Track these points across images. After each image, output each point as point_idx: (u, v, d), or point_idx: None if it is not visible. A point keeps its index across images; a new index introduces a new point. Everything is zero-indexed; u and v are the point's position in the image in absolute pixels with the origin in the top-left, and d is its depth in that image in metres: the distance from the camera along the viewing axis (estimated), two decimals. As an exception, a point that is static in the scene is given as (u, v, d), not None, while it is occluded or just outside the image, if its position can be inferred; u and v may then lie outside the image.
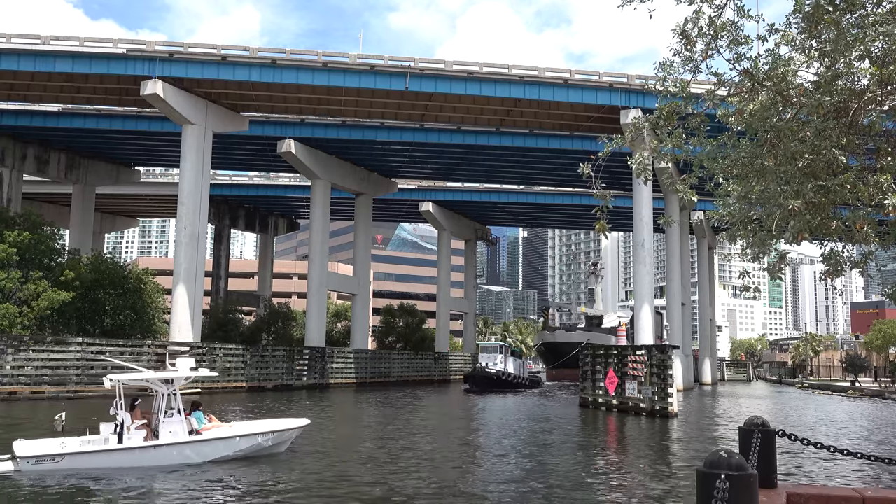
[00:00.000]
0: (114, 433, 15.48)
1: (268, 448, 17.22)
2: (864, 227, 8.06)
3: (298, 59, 46.36)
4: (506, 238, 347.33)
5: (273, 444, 17.37)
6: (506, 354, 58.61)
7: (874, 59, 7.64)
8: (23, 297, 39.15)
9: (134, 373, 17.07)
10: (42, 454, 14.68)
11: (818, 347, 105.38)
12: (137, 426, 15.85)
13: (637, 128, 9.56)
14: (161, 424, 15.87)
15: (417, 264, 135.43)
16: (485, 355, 58.52)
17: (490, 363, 56.41)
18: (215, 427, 17.06)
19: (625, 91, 47.98)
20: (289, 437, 17.95)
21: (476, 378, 54.44)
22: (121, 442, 15.39)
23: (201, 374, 17.59)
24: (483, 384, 53.55)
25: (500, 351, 58.51)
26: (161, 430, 15.85)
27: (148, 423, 16.17)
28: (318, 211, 58.93)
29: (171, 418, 15.97)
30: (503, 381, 55.03)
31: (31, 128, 56.03)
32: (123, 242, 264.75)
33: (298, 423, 18.39)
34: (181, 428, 16.04)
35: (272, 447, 17.35)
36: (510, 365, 58.22)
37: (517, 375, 58.24)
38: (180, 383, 16.28)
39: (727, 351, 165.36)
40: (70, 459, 14.81)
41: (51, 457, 14.68)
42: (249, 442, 16.86)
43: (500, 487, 14.67)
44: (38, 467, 14.44)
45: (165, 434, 15.82)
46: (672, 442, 24.44)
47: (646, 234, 49.26)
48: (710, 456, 5.16)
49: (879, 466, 16.79)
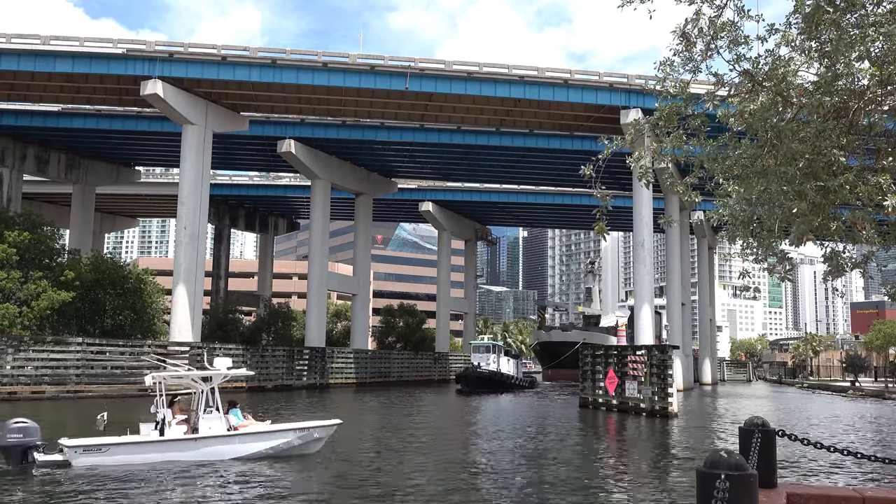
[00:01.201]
0: (154, 430, 15.95)
1: (302, 446, 17.63)
2: (866, 228, 8.06)
3: (298, 59, 46.38)
4: (506, 238, 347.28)
5: (307, 442, 17.79)
6: (498, 354, 57.47)
7: (874, 59, 7.64)
8: (23, 297, 39.14)
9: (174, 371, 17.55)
10: (90, 444, 15.24)
11: (818, 347, 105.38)
12: (178, 421, 16.30)
13: (637, 129, 9.56)
14: (200, 421, 16.32)
15: (417, 264, 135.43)
16: (477, 355, 57.20)
17: (482, 363, 55.24)
18: (252, 425, 17.47)
19: (625, 91, 47.99)
20: (323, 436, 18.38)
21: (468, 378, 53.37)
22: (162, 436, 15.85)
23: (238, 373, 18.20)
24: (475, 384, 52.42)
25: (492, 350, 57.29)
26: (200, 427, 16.29)
27: (187, 419, 16.58)
28: (318, 211, 58.93)
29: (210, 415, 16.45)
30: (496, 381, 53.80)
31: (31, 128, 56.04)
32: (123, 242, 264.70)
33: (332, 423, 18.86)
34: (220, 425, 16.51)
35: (306, 445, 17.76)
36: (503, 364, 57.15)
37: (510, 375, 57.06)
38: (218, 381, 16.76)
39: (727, 351, 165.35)
40: (116, 450, 15.35)
41: (98, 447, 15.22)
42: (285, 440, 17.29)
43: (499, 487, 14.67)
44: (86, 458, 14.98)
45: (205, 430, 16.28)
46: (672, 442, 24.44)
47: (646, 234, 49.28)
48: (710, 456, 5.16)
49: (879, 466, 16.79)
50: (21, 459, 14.62)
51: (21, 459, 14.62)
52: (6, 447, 14.58)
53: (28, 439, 14.71)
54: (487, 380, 53.01)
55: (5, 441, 14.55)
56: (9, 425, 14.70)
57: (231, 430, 16.73)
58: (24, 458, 14.64)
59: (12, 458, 14.61)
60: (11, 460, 14.62)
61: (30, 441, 14.73)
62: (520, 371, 61.69)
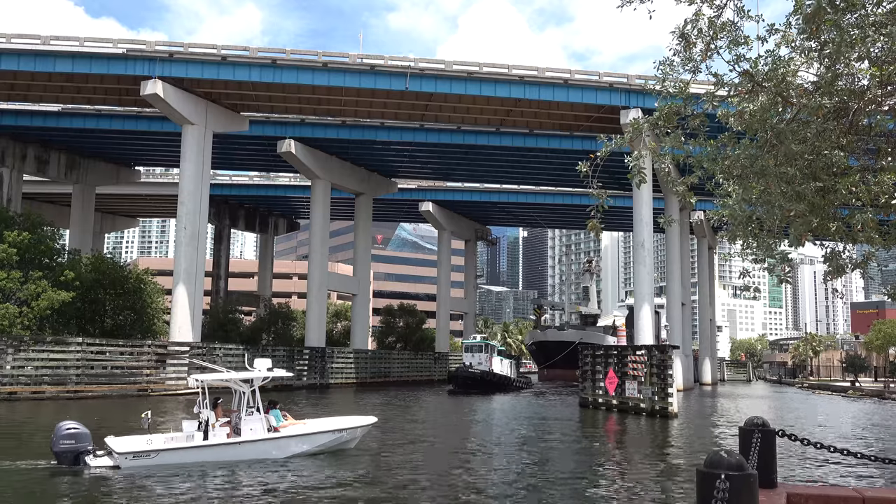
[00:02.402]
0: (198, 430, 16.39)
1: (340, 444, 18.21)
2: (865, 228, 8.06)
3: (298, 59, 46.38)
4: (506, 238, 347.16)
5: (344, 440, 18.34)
6: (491, 353, 55.71)
7: (874, 59, 7.64)
8: (23, 297, 39.13)
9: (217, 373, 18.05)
10: (139, 450, 15.70)
11: (818, 347, 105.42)
12: (221, 423, 16.77)
13: (636, 128, 9.56)
14: (242, 422, 16.74)
15: (417, 264, 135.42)
16: (469, 354, 55.24)
17: (474, 363, 53.52)
18: (291, 424, 17.97)
19: (625, 91, 47.99)
20: (358, 434, 18.89)
21: (459, 378, 52.04)
22: (206, 439, 16.32)
23: (278, 374, 18.57)
24: (466, 385, 51.10)
25: (484, 350, 55.40)
26: (242, 428, 16.72)
27: (230, 420, 17.04)
28: (318, 211, 58.93)
29: (251, 416, 16.90)
30: (488, 381, 52.22)
31: (31, 128, 56.04)
32: (123, 242, 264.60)
33: (367, 421, 19.34)
34: (261, 425, 16.95)
35: (343, 443, 18.33)
36: (496, 365, 55.55)
37: (503, 376, 55.49)
38: (259, 383, 17.14)
39: (727, 351, 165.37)
40: (163, 455, 15.80)
41: (146, 453, 15.70)
42: (324, 438, 17.88)
43: (498, 487, 14.67)
44: (135, 462, 15.43)
45: (246, 431, 16.72)
46: (672, 442, 24.44)
47: (646, 234, 49.27)
48: (710, 456, 5.16)
49: (879, 466, 16.79)
50: (73, 463, 15.15)
51: (73, 463, 15.15)
52: (59, 452, 15.13)
53: (80, 444, 15.27)
54: (479, 380, 51.59)
55: (58, 446, 15.10)
56: (61, 430, 15.23)
57: (271, 430, 17.18)
58: (75, 462, 15.16)
59: (65, 462, 15.14)
60: (64, 464, 15.14)
61: (81, 446, 15.28)
62: (513, 371, 59.98)
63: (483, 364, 53.72)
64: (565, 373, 72.47)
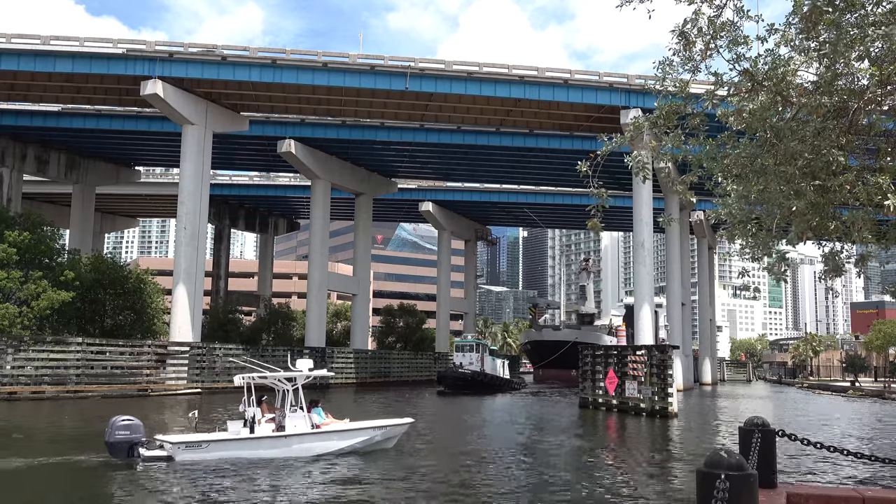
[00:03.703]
0: (244, 427, 16.87)
1: (379, 443, 18.60)
2: (861, 229, 8.05)
3: (298, 59, 46.38)
4: (506, 238, 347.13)
5: (383, 439, 18.75)
6: (482, 353, 54.18)
7: (874, 59, 7.64)
8: (23, 297, 39.13)
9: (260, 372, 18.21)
10: (191, 441, 16.28)
11: (818, 347, 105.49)
12: (267, 419, 17.34)
13: (637, 127, 9.56)
14: (286, 419, 17.22)
15: (417, 264, 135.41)
16: (459, 354, 54.12)
17: (465, 363, 52.46)
18: (332, 422, 18.43)
19: (625, 91, 47.99)
20: (397, 433, 19.32)
21: (448, 379, 50.73)
22: (252, 433, 16.80)
23: (319, 373, 19.14)
24: (457, 386, 49.83)
25: (475, 350, 54.10)
26: (286, 424, 17.24)
27: (274, 417, 17.52)
28: (318, 211, 58.94)
29: (295, 413, 17.41)
30: (478, 382, 50.96)
31: (31, 128, 56.04)
32: (123, 242, 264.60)
33: (405, 421, 19.81)
34: (304, 423, 17.48)
35: (383, 442, 18.72)
36: (487, 365, 54.09)
37: (495, 376, 54.26)
38: (301, 381, 17.67)
39: (727, 351, 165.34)
40: (213, 447, 16.34)
41: (198, 444, 16.27)
42: (365, 437, 18.28)
43: (498, 487, 14.67)
44: (188, 454, 16.06)
45: (290, 428, 17.24)
46: (672, 442, 24.44)
47: (646, 234, 49.24)
48: (710, 456, 5.16)
49: (879, 466, 16.78)
50: (127, 454, 15.74)
51: (127, 454, 15.74)
52: (114, 443, 15.68)
53: (134, 436, 15.83)
54: (470, 381, 50.42)
55: (113, 437, 15.65)
56: (116, 423, 15.77)
57: (314, 427, 17.62)
58: (129, 454, 15.75)
59: (119, 454, 15.73)
60: (118, 455, 15.72)
61: (135, 438, 15.83)
62: (506, 371, 58.66)
63: (474, 364, 52.66)
64: (561, 373, 72.13)
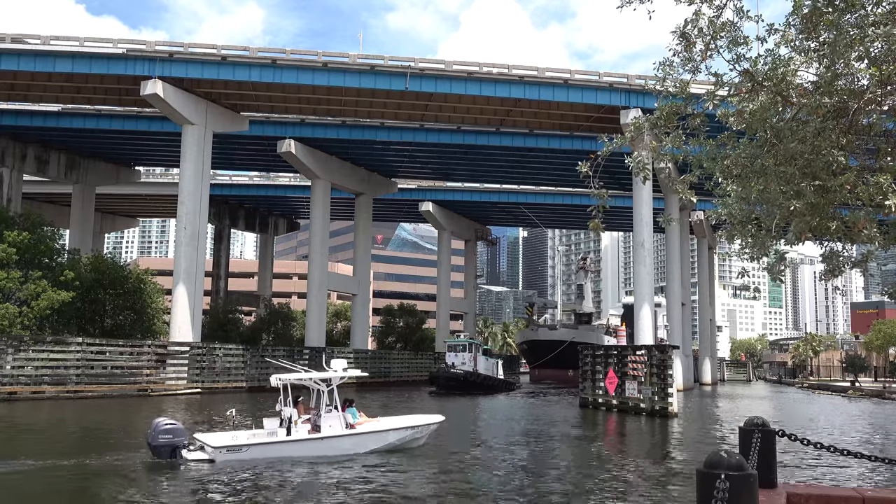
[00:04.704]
0: (280, 427, 17.31)
1: (411, 441, 19.10)
2: (866, 228, 8.05)
3: (298, 59, 46.38)
4: (506, 238, 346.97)
5: (415, 438, 19.25)
6: (475, 353, 53.36)
7: (873, 59, 7.64)
8: (23, 297, 39.11)
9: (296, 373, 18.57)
10: (231, 444, 16.71)
11: (818, 347, 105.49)
12: (303, 420, 17.74)
13: (637, 127, 9.56)
14: (322, 419, 17.59)
15: (417, 264, 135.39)
16: (452, 354, 53.19)
17: (457, 362, 51.64)
18: (366, 422, 18.84)
19: (625, 91, 47.99)
20: (428, 432, 19.74)
21: (440, 379, 50.01)
22: (289, 434, 17.24)
23: (354, 374, 19.49)
24: (449, 386, 49.03)
25: (468, 349, 53.21)
26: (322, 424, 17.60)
27: (310, 417, 17.94)
28: (318, 211, 58.94)
29: (330, 414, 17.74)
30: (471, 382, 50.01)
31: (31, 128, 56.03)
32: (123, 242, 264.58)
33: (435, 419, 20.25)
34: (339, 422, 17.81)
35: (414, 440, 19.21)
36: (481, 364, 53.23)
37: (488, 376, 53.04)
38: (336, 382, 17.94)
39: (727, 351, 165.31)
40: (252, 450, 16.75)
41: (238, 447, 16.68)
42: (397, 436, 18.77)
43: (497, 486, 14.67)
44: (228, 456, 16.44)
45: (326, 428, 17.61)
46: (672, 442, 24.44)
47: (646, 234, 49.24)
48: (710, 456, 5.16)
49: (879, 466, 16.79)
50: (170, 457, 16.15)
51: (170, 457, 16.15)
52: (157, 446, 16.09)
53: (177, 439, 16.30)
54: (462, 381, 49.62)
55: (157, 440, 16.06)
56: (159, 426, 16.21)
57: (348, 427, 17.97)
58: (172, 456, 16.16)
59: (162, 456, 16.12)
60: (162, 458, 16.11)
61: (178, 441, 16.31)
62: (500, 372, 57.78)
63: (467, 364, 51.82)
64: (557, 373, 71.64)
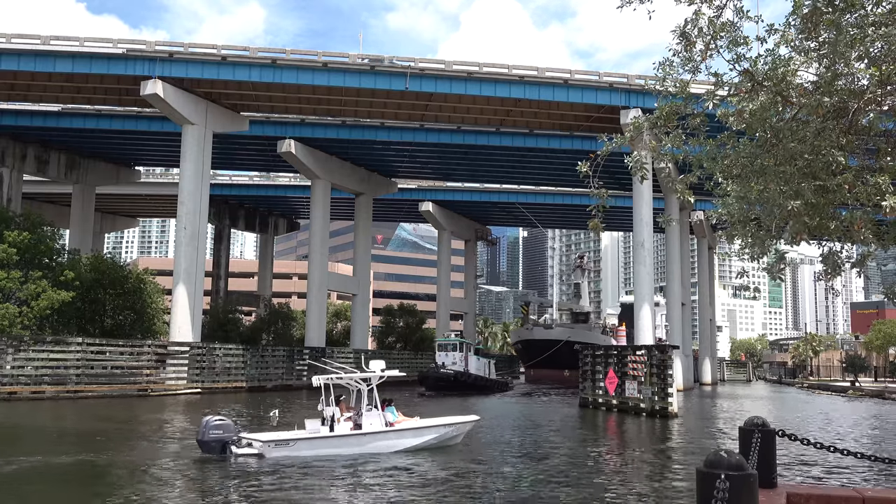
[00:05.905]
0: (322, 426, 17.83)
1: (449, 439, 19.60)
2: (863, 228, 8.06)
3: (298, 59, 46.38)
4: (506, 238, 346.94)
5: (452, 436, 19.75)
6: (466, 352, 51.88)
7: (873, 59, 7.64)
8: (23, 297, 39.12)
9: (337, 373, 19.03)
10: (279, 439, 17.33)
11: (818, 347, 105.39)
12: (345, 418, 18.33)
13: (637, 127, 9.56)
14: (363, 418, 18.18)
15: (417, 264, 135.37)
16: (442, 354, 51.50)
17: (448, 362, 50.05)
18: (405, 420, 19.50)
19: (625, 91, 47.99)
20: (464, 430, 20.36)
21: (430, 379, 48.22)
22: (332, 431, 17.80)
23: (391, 374, 19.88)
24: (439, 387, 47.46)
25: (459, 349, 51.80)
26: (363, 423, 18.20)
27: (351, 416, 18.45)
28: (318, 211, 58.95)
29: (370, 412, 18.34)
30: (461, 382, 48.58)
31: (31, 128, 56.03)
32: (123, 242, 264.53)
33: (472, 418, 21.00)
34: (379, 421, 18.41)
35: (451, 438, 19.72)
36: (472, 364, 51.70)
37: (480, 376, 51.61)
38: (376, 382, 18.55)
39: (727, 351, 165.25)
40: (300, 445, 17.36)
41: (286, 441, 17.34)
42: (434, 434, 19.29)
43: (497, 486, 14.67)
44: (276, 451, 17.04)
45: (366, 426, 18.22)
46: (672, 442, 24.44)
47: (646, 234, 49.24)
48: (710, 456, 5.16)
49: (879, 466, 16.79)
50: (220, 452, 16.68)
51: (220, 452, 16.68)
52: (208, 442, 16.64)
53: (227, 435, 16.81)
54: (453, 381, 48.13)
55: (207, 436, 16.61)
56: (210, 423, 16.76)
57: (387, 425, 18.51)
58: (222, 451, 16.70)
59: (212, 452, 16.67)
60: (212, 453, 16.67)
61: (228, 437, 16.82)
62: (493, 372, 56.22)
63: (458, 364, 50.33)
64: (552, 373, 71.09)
